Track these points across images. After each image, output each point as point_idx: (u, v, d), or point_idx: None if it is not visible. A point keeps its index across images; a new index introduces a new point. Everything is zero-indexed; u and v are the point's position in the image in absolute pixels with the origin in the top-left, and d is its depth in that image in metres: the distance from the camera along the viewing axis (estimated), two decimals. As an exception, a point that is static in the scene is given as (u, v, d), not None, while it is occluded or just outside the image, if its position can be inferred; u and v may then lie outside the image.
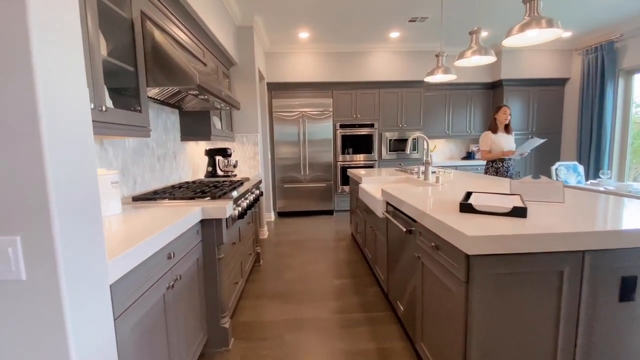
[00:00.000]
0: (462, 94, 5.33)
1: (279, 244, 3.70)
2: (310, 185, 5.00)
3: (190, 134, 2.86)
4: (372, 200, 2.37)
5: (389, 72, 4.87)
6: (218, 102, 2.47)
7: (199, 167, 3.28)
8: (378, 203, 2.22)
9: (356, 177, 3.27)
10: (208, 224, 1.71)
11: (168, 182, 2.57)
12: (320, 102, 4.84)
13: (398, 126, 5.05)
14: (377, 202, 2.24)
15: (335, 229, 4.26)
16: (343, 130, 4.95)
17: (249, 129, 3.82)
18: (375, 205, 2.29)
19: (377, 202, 2.24)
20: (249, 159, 3.86)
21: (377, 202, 2.25)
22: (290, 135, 4.87)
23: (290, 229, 4.35)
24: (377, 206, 2.26)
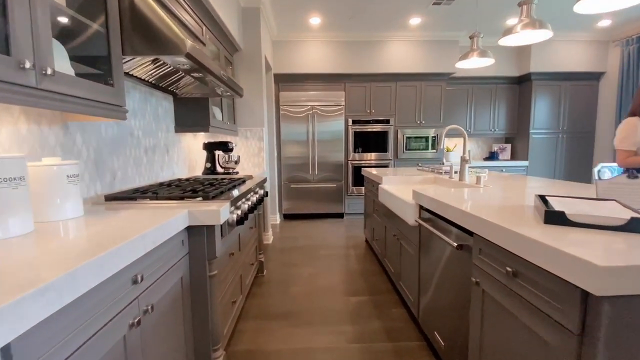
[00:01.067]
0: (486, 89, 4.90)
1: (285, 250, 3.31)
2: (319, 185, 4.61)
3: (186, 125, 2.49)
4: (398, 204, 1.98)
5: (408, 63, 4.47)
6: (217, 85, 2.10)
7: (197, 163, 2.91)
8: (407, 207, 1.82)
9: (374, 177, 2.87)
10: (197, 232, 1.33)
11: (158, 178, 2.20)
12: (331, 96, 4.45)
13: (416, 122, 4.64)
14: (406, 206, 1.84)
15: (347, 234, 3.86)
16: (356, 126, 4.55)
17: (253, 122, 3.44)
18: (404, 210, 1.89)
19: (406, 206, 1.84)
20: (253, 156, 3.48)
21: (405, 206, 1.85)
22: (299, 131, 4.49)
23: (298, 233, 3.96)
24: (405, 211, 1.86)
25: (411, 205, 1.78)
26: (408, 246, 1.96)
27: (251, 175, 2.58)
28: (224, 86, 2.10)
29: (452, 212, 1.30)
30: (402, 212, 1.94)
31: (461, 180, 2.17)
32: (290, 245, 3.49)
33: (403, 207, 1.91)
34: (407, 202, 1.83)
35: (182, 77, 1.99)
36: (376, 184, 2.86)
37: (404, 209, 1.88)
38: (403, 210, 1.91)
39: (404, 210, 1.90)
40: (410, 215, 1.80)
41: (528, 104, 4.78)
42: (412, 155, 4.65)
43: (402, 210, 1.92)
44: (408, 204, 1.82)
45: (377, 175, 2.74)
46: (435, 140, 4.64)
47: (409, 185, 2.54)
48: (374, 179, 2.86)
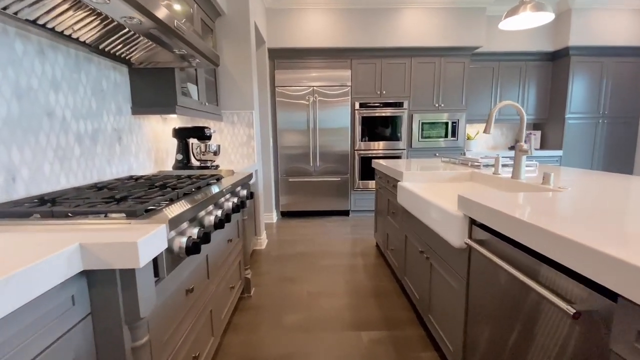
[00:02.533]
0: (514, 67, 4.23)
1: (280, 259, 2.75)
2: (322, 179, 4.03)
3: (146, 104, 1.91)
4: (432, 212, 1.39)
5: (425, 36, 3.80)
6: (176, 46, 1.50)
7: (169, 154, 2.34)
8: (448, 219, 1.24)
9: (390, 172, 2.28)
10: (105, 279, 0.76)
11: (103, 176, 1.63)
12: (335, 75, 3.82)
13: (434, 106, 4.00)
14: (446, 217, 1.25)
15: (354, 237, 3.30)
16: (364, 110, 3.93)
17: (241, 104, 2.84)
18: (441, 222, 1.30)
19: (446, 217, 1.25)
20: (241, 145, 2.89)
21: (444, 216, 1.27)
22: (298, 116, 3.88)
23: (296, 235, 3.40)
24: (444, 224, 1.28)
25: (455, 217, 1.20)
26: (447, 274, 1.38)
27: (232, 170, 2.00)
28: (187, 47, 1.50)
29: (560, 247, 0.71)
30: (437, 223, 1.36)
31: (515, 178, 1.58)
32: (287, 251, 2.93)
33: (440, 217, 1.32)
34: (447, 211, 1.25)
35: (131, 36, 1.40)
36: (393, 180, 2.27)
37: (442, 221, 1.30)
38: (439, 222, 1.33)
39: (441, 223, 1.31)
40: (453, 231, 1.21)
41: (564, 84, 4.12)
42: (427, 144, 4.04)
43: (438, 222, 1.34)
44: (449, 215, 1.23)
45: (395, 169, 2.15)
46: (455, 127, 4.01)
47: (438, 184, 1.95)
48: (391, 174, 2.27)
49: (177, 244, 0.96)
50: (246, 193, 1.83)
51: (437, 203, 1.37)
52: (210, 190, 1.34)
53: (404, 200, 1.84)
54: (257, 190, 2.93)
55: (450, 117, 4.00)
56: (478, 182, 1.89)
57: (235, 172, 2.02)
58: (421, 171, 1.96)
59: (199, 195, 1.23)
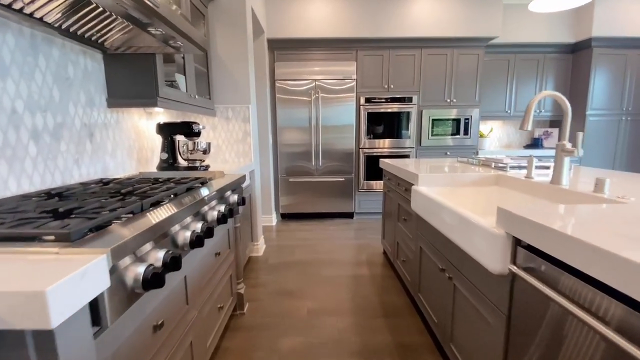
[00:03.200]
0: (531, 60, 3.95)
1: (278, 268, 2.51)
2: (324, 179, 3.78)
3: (123, 95, 1.66)
4: (458, 225, 1.14)
5: (436, 25, 3.53)
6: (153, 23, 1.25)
7: (154, 153, 2.10)
8: (484, 238, 0.99)
9: (401, 173, 2.03)
10: (12, 342, 0.52)
11: (70, 178, 1.39)
12: (339, 68, 3.56)
13: (445, 101, 3.73)
14: (481, 234, 1.00)
15: (359, 242, 3.05)
16: (370, 106, 3.67)
17: (236, 97, 2.59)
18: (476, 242, 1.05)
19: (481, 234, 1.00)
20: (237, 142, 2.65)
21: (478, 233, 1.02)
22: (299, 111, 3.63)
23: (296, 240, 3.16)
24: (480, 244, 1.03)
25: (493, 235, 0.95)
26: (478, 303, 1.13)
27: (222, 172, 1.76)
28: (164, 25, 1.25)
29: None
30: (465, 240, 1.11)
31: (556, 184, 1.32)
32: (286, 259, 2.69)
33: (470, 233, 1.07)
34: (481, 226, 1.00)
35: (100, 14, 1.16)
36: (405, 184, 2.02)
37: (474, 238, 1.05)
38: (469, 239, 1.08)
39: (471, 239, 1.06)
40: (490, 252, 0.96)
41: (584, 79, 3.83)
42: (438, 142, 3.77)
43: (467, 238, 1.09)
44: (484, 232, 0.98)
45: (408, 171, 1.89)
46: (468, 124, 3.74)
47: (459, 188, 1.70)
48: (403, 176, 2.02)
49: (131, 275, 0.72)
50: (237, 199, 1.58)
51: (467, 214, 1.12)
52: (191, 198, 1.10)
53: (419, 208, 1.59)
54: (254, 192, 2.69)
55: (463, 113, 3.73)
56: (506, 186, 1.63)
57: (226, 174, 1.77)
58: (439, 174, 1.71)
59: (173, 204, 0.99)
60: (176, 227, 0.99)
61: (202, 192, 1.23)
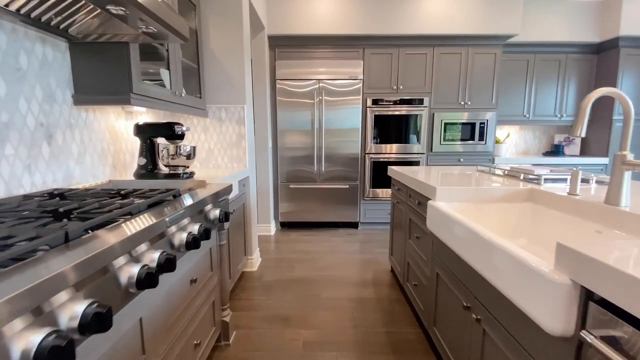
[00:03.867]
0: (552, 61, 3.66)
1: (273, 287, 2.26)
2: (327, 186, 3.52)
3: (91, 92, 1.43)
4: (495, 258, 0.87)
5: (450, 22, 3.27)
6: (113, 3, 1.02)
7: (135, 157, 1.86)
8: (536, 283, 0.72)
9: (414, 183, 1.76)
10: None
11: (15, 189, 1.16)
12: (345, 67, 3.31)
13: (459, 104, 3.46)
14: (533, 278, 0.73)
15: (364, 257, 2.78)
16: (377, 108, 3.41)
17: (230, 97, 2.36)
18: (522, 286, 0.78)
19: (533, 278, 0.73)
20: (230, 147, 2.40)
21: (527, 275, 0.75)
22: (301, 113, 3.38)
23: (296, 252, 2.90)
24: (528, 289, 0.76)
25: (552, 283, 0.68)
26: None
27: (204, 181, 1.51)
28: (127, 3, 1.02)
29: None
30: (504, 279, 0.84)
31: (613, 204, 1.05)
32: (283, 275, 2.43)
33: (515, 273, 0.80)
34: (533, 268, 0.73)
35: None
36: (418, 196, 1.75)
37: (518, 279, 0.78)
38: (511, 279, 0.81)
39: (514, 280, 0.79)
40: (545, 304, 0.69)
41: (611, 81, 3.53)
42: (450, 148, 3.49)
43: (509, 278, 0.82)
44: (537, 275, 0.71)
45: (422, 182, 1.62)
46: (484, 129, 3.46)
47: (484, 205, 1.42)
48: (416, 187, 1.75)
49: (19, 346, 0.47)
50: (219, 214, 1.33)
51: (510, 247, 0.85)
52: (150, 218, 0.85)
53: (437, 227, 1.33)
54: (248, 201, 2.44)
55: (478, 117, 3.45)
56: (543, 204, 1.35)
57: (210, 184, 1.53)
58: (461, 187, 1.44)
59: (123, 228, 0.74)
60: (120, 260, 0.74)
61: (167, 210, 0.99)
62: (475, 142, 3.47)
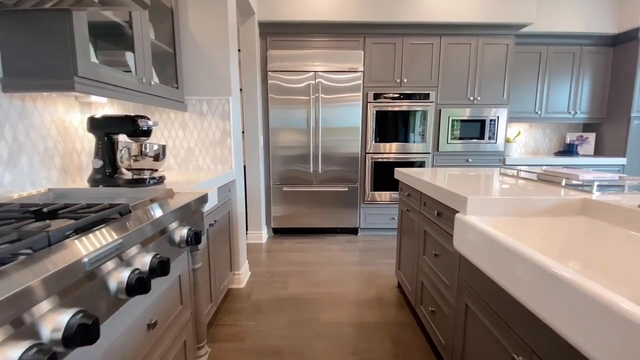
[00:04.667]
0: (566, 53, 3.40)
1: (263, 308, 1.95)
2: (324, 188, 3.22)
3: (23, 74, 1.11)
4: (583, 310, 0.58)
5: (459, 9, 2.98)
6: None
7: (91, 157, 1.53)
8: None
9: (432, 190, 1.47)
10: None
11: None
12: (343, 58, 3.01)
13: (468, 99, 3.18)
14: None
15: (366, 269, 2.49)
16: (379, 103, 3.12)
17: (213, 87, 2.03)
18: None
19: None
20: (214, 145, 2.08)
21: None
22: (295, 108, 3.07)
23: (290, 264, 2.59)
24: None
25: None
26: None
27: (171, 190, 1.19)
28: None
29: None
30: (595, 341, 0.54)
31: None
32: (275, 293, 2.13)
33: (609, 329, 0.51)
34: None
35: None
36: (437, 206, 1.46)
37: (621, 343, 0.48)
38: (606, 341, 0.51)
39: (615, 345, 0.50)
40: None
41: (629, 75, 3.29)
42: (458, 147, 3.21)
43: (601, 339, 0.52)
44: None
45: (446, 190, 1.33)
46: (494, 126, 3.19)
47: (526, 219, 1.13)
48: (437, 195, 1.46)
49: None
50: (186, 235, 1.01)
51: (624, 305, 0.55)
52: (58, 257, 0.54)
53: (471, 249, 1.03)
54: (234, 209, 2.13)
55: (488, 113, 3.17)
56: (601, 219, 1.06)
57: (179, 193, 1.21)
58: (498, 197, 1.14)
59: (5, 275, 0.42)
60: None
61: (100, 237, 0.67)
62: (485, 141, 3.20)
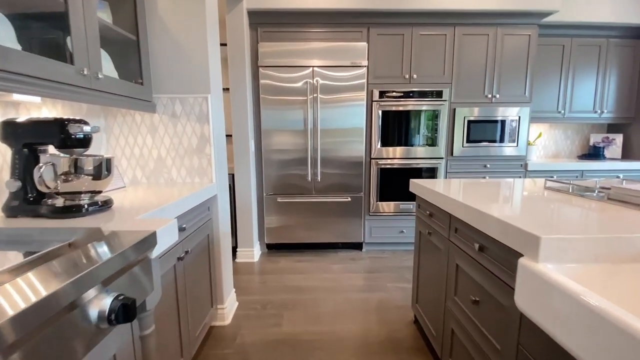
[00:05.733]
0: (591, 46, 3.06)
1: (248, 355, 1.57)
2: (324, 198, 2.85)
3: None
4: None
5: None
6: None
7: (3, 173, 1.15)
8: None
9: (473, 216, 1.10)
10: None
11: None
12: (345, 51, 2.65)
13: (485, 97, 2.82)
14: None
15: (375, 297, 2.12)
16: (385, 102, 2.76)
17: (188, 84, 1.66)
18: None
19: None
20: (190, 154, 1.71)
21: None
22: (291, 108, 2.71)
23: (285, 291, 2.22)
24: None
25: None
26: None
27: (99, 228, 0.82)
28: None
29: None
30: None
31: None
32: (266, 332, 1.76)
33: None
34: None
35: None
36: (477, 236, 1.09)
37: None
38: None
39: None
40: None
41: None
42: (474, 151, 2.86)
43: None
44: None
45: (499, 219, 0.97)
46: (515, 127, 2.83)
47: (619, 266, 0.77)
48: (485, 227, 1.09)
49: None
50: (108, 309, 0.63)
51: None
52: None
53: (555, 321, 0.67)
54: (216, 231, 1.76)
55: (509, 113, 2.82)
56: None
57: (113, 232, 0.83)
58: (588, 235, 0.78)
59: None
60: None
61: None
62: (505, 144, 2.84)
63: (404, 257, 2.82)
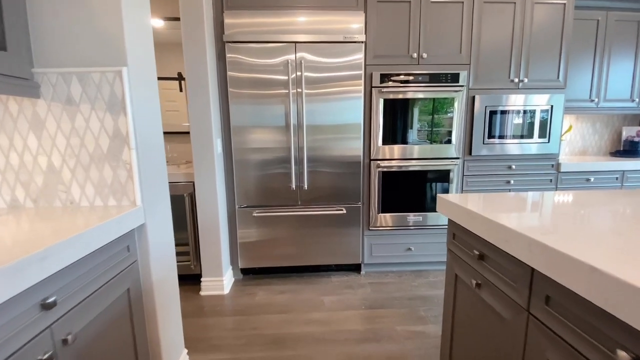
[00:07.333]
0: (629, 22, 2.56)
1: None
2: (312, 211, 2.28)
3: None
4: None
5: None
6: None
7: None
8: None
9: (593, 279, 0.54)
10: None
11: None
12: (336, 22, 2.07)
13: (511, 81, 2.28)
14: None
15: (382, 350, 1.57)
16: (388, 87, 2.19)
17: (89, 53, 1.05)
18: None
19: None
20: (99, 161, 1.10)
21: None
22: (268, 99, 2.12)
23: (261, 343, 1.64)
24: None
25: None
26: None
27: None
28: None
29: None
30: None
31: None
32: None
33: None
34: None
35: None
36: (596, 321, 0.53)
37: None
38: None
39: None
40: None
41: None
42: (497, 150, 2.32)
43: None
44: None
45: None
46: (547, 119, 2.31)
47: None
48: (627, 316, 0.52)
49: None
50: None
51: None
52: None
53: None
54: (146, 280, 1.16)
55: (539, 101, 2.29)
56: None
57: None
58: None
59: None
60: None
61: None
62: (534, 140, 2.31)
63: (413, 281, 2.28)
